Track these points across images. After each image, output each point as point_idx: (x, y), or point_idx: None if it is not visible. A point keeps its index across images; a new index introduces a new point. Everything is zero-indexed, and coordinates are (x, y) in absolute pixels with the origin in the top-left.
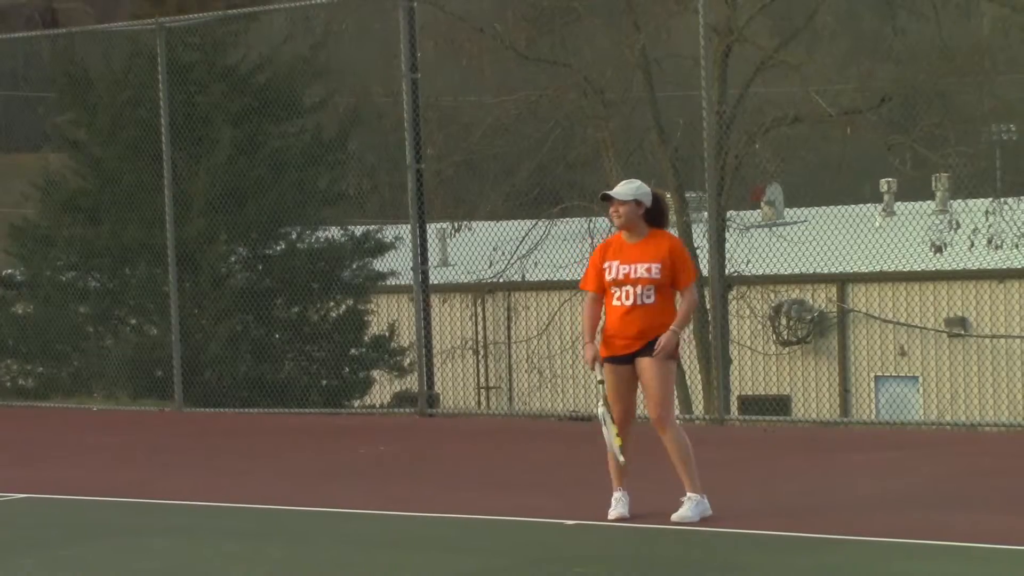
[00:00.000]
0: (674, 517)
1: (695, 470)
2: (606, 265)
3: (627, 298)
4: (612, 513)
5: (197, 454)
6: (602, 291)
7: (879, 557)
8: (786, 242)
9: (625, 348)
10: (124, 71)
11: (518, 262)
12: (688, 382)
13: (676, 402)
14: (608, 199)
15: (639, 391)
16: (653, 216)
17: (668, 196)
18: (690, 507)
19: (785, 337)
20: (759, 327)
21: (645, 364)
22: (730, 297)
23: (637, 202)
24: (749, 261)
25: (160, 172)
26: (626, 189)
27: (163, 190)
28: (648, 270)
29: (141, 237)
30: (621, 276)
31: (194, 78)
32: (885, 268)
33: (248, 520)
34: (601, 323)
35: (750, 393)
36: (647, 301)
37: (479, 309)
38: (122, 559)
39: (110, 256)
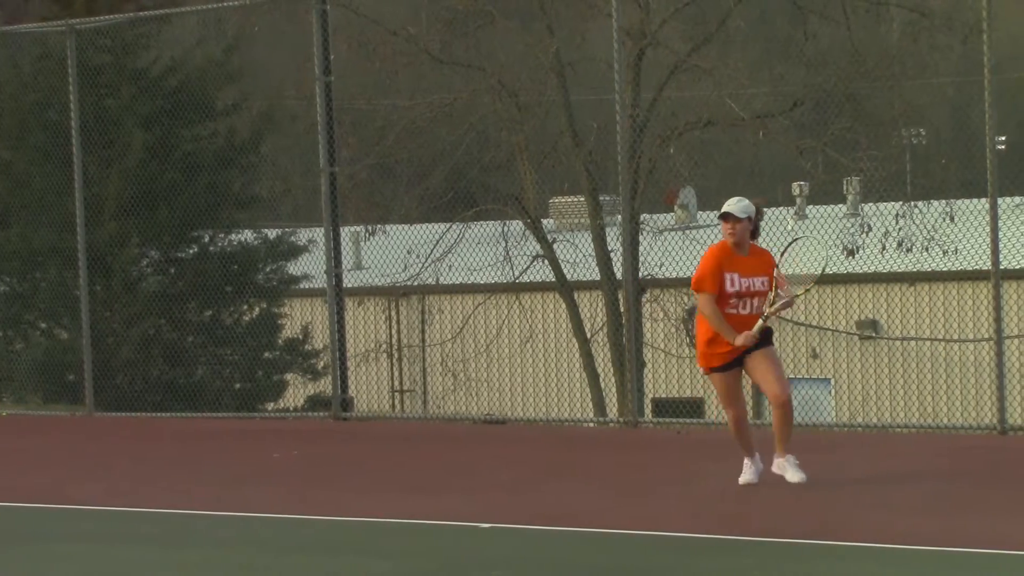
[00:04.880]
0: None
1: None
2: (727, 276)
3: (744, 308)
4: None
5: (109, 459)
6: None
7: (791, 558)
8: (699, 245)
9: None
10: (33, 73)
11: (432, 265)
12: (602, 385)
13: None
14: (727, 218)
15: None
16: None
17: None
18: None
19: None
20: (672, 330)
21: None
22: (643, 300)
23: (749, 218)
24: (662, 264)
25: (70, 175)
26: (740, 207)
27: (74, 193)
28: (764, 283)
29: (52, 241)
30: (743, 288)
31: (105, 81)
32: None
33: (161, 525)
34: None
35: (664, 396)
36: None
37: (393, 312)
38: (33, 566)
39: (20, 260)
